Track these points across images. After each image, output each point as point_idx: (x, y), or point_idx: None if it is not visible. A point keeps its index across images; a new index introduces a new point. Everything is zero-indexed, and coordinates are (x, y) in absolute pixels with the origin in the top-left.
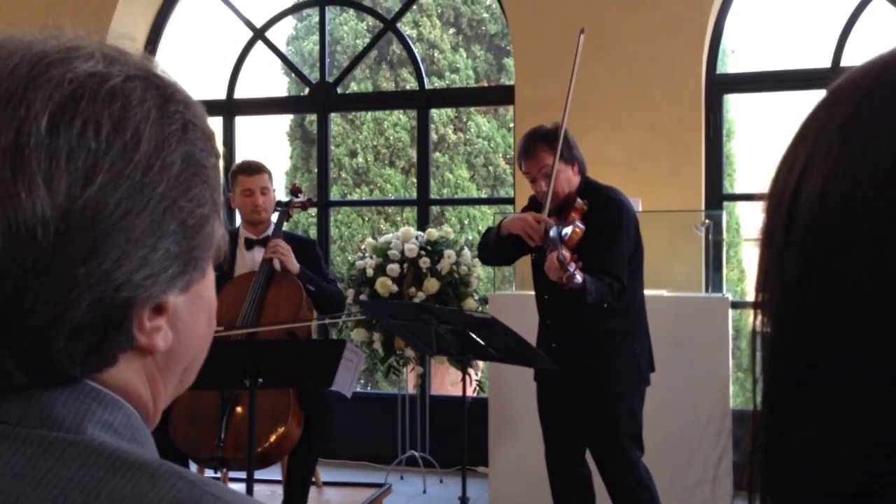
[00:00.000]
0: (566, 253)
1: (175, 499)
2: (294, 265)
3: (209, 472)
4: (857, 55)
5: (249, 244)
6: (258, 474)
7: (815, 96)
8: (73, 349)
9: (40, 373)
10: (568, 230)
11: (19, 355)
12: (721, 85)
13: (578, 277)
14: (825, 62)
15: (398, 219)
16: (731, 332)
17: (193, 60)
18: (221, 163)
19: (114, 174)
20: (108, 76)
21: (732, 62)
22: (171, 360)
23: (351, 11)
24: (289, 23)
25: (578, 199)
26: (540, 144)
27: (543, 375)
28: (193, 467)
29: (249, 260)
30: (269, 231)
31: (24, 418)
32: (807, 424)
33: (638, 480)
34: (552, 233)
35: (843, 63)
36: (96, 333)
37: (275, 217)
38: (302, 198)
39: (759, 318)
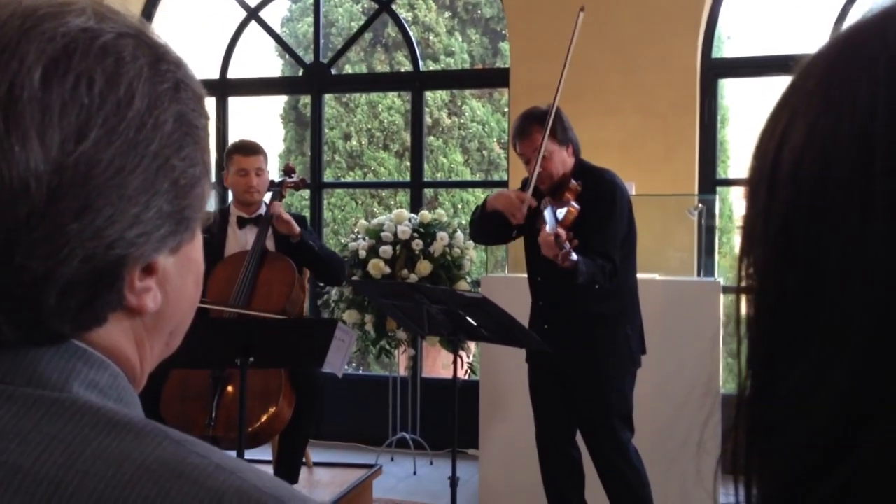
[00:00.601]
0: (562, 231)
1: (161, 457)
2: (294, 227)
3: None
4: None
5: (241, 223)
6: (249, 454)
7: None
8: (63, 306)
9: (29, 329)
10: (563, 210)
11: (9, 311)
12: (716, 70)
13: (574, 256)
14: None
15: (391, 202)
16: (721, 317)
17: (187, 39)
18: (214, 142)
19: (107, 130)
20: (101, 32)
21: (728, 48)
22: (159, 321)
23: None
24: (283, 4)
25: (573, 181)
26: (535, 125)
27: (535, 357)
28: None
29: (241, 238)
30: (262, 210)
31: (8, 376)
32: (789, 373)
33: (627, 462)
34: (547, 213)
35: None
36: (87, 291)
37: (268, 197)
38: (295, 178)
39: (745, 277)
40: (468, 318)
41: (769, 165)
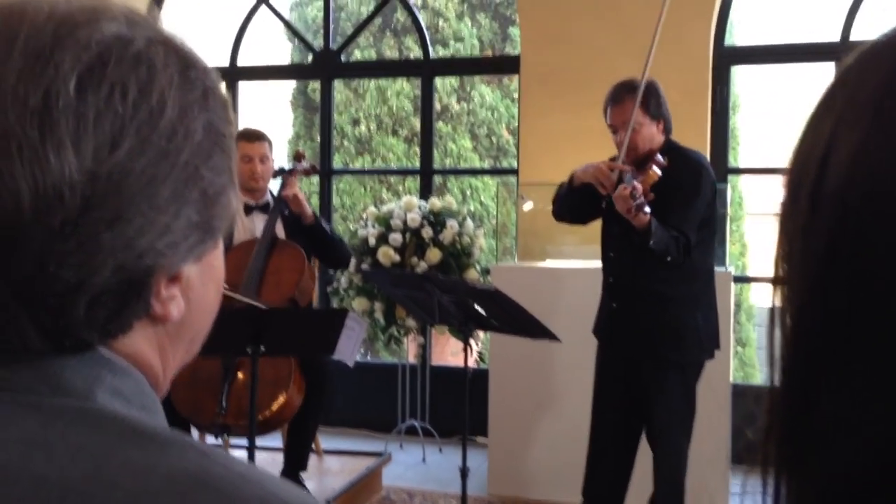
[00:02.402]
0: (639, 185)
1: (186, 468)
2: (307, 209)
3: (210, 439)
4: (867, 29)
5: (248, 209)
6: (259, 441)
7: (825, 69)
8: (93, 315)
9: (57, 338)
10: (643, 176)
11: (39, 320)
12: (729, 57)
13: (647, 210)
14: (834, 36)
15: (400, 188)
16: (732, 306)
17: (197, 25)
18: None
19: (140, 140)
20: (133, 39)
21: (738, 34)
22: (181, 329)
23: None
24: None
25: (658, 156)
26: (629, 94)
27: (603, 332)
28: (195, 433)
29: (249, 225)
30: (268, 198)
31: (33, 385)
32: (831, 399)
33: (678, 462)
34: (626, 178)
35: (853, 37)
36: (116, 300)
37: (277, 183)
38: (305, 164)
39: (780, 291)
40: (479, 308)
41: (812, 177)
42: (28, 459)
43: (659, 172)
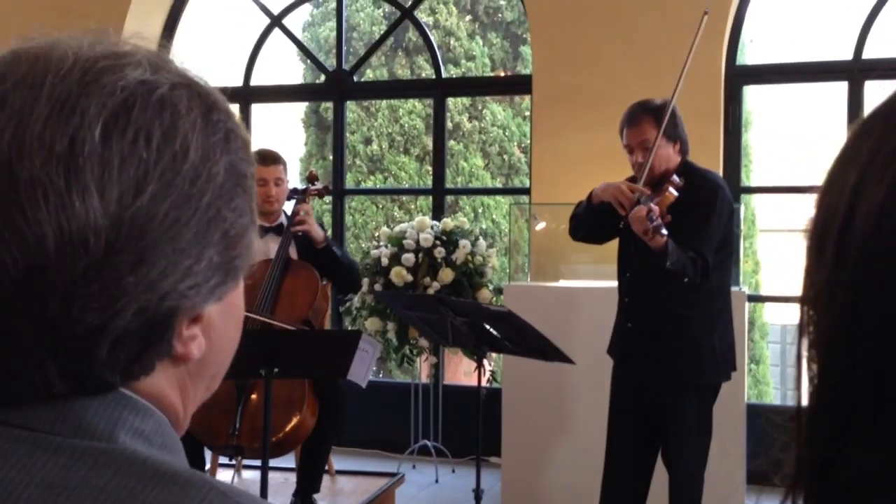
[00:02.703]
0: (655, 207)
1: None
2: (318, 231)
3: (223, 460)
4: (879, 47)
5: (262, 231)
6: (271, 462)
7: (837, 89)
8: (115, 357)
9: (80, 381)
10: (659, 197)
11: (62, 363)
12: (741, 76)
13: (664, 231)
14: (847, 54)
15: (412, 206)
16: (745, 325)
17: (210, 46)
18: None
19: (164, 184)
20: (157, 84)
21: (750, 52)
22: (202, 367)
23: None
24: (305, 9)
25: (675, 176)
26: (646, 115)
27: (618, 352)
28: (208, 455)
29: (263, 247)
30: (282, 220)
31: (56, 426)
32: (859, 456)
33: (692, 482)
34: (643, 199)
35: (865, 55)
36: (139, 342)
37: (290, 205)
38: (319, 185)
39: (807, 340)
40: (492, 330)
41: (838, 227)
42: (49, 502)
43: (675, 193)
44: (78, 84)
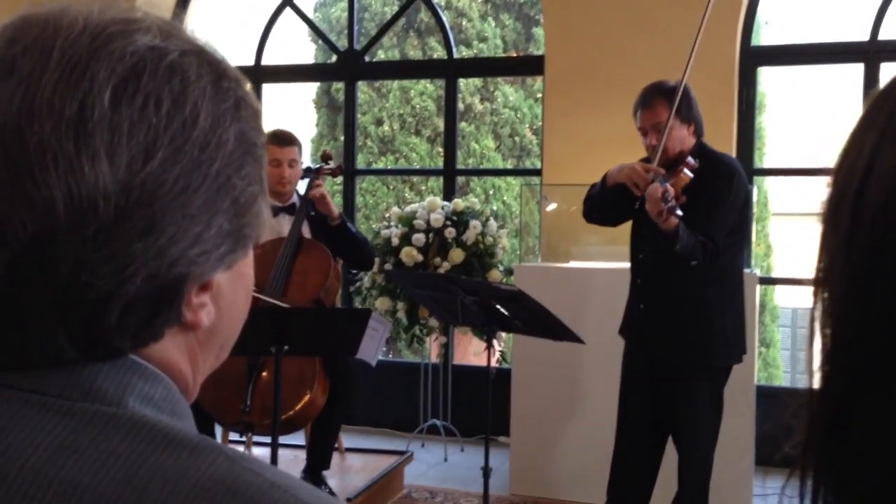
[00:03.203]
0: (671, 187)
1: (215, 475)
2: (334, 209)
3: (234, 436)
4: None
5: (275, 211)
6: (281, 439)
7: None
8: (125, 323)
9: (90, 347)
10: (674, 178)
11: (72, 329)
12: (756, 58)
13: (679, 213)
14: (863, 35)
15: (423, 187)
16: (757, 307)
17: (222, 26)
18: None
19: (173, 150)
20: (167, 51)
21: (766, 34)
22: (211, 336)
23: None
24: None
25: (690, 158)
26: (659, 97)
27: (630, 333)
28: (219, 431)
29: (276, 226)
30: (294, 199)
31: (66, 391)
32: (870, 411)
33: (701, 473)
34: (658, 180)
35: (882, 36)
36: (148, 309)
37: (304, 184)
38: (332, 165)
39: (821, 304)
40: (502, 309)
41: (853, 192)
42: (58, 465)
43: (690, 175)
44: (87, 49)
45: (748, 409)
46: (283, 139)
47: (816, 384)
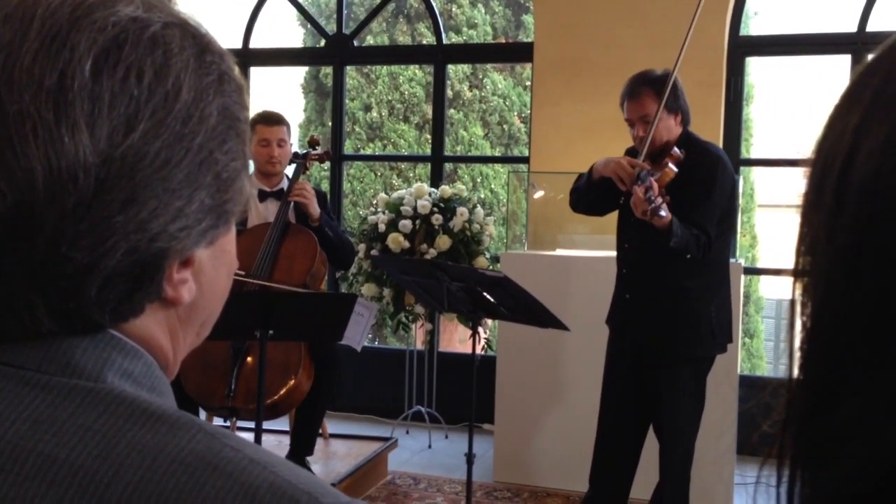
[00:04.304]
0: (654, 183)
1: (194, 450)
2: (315, 209)
3: (218, 421)
4: (884, 19)
5: (262, 196)
6: (266, 424)
7: (840, 61)
8: (104, 297)
9: (69, 320)
10: (659, 172)
11: (51, 302)
12: (744, 48)
13: (664, 212)
14: (851, 26)
15: (411, 174)
16: (741, 298)
17: (210, 7)
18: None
19: (155, 123)
20: (150, 22)
21: (754, 24)
22: (192, 312)
23: None
24: None
25: (675, 149)
26: (646, 88)
27: (615, 322)
28: (203, 416)
29: (263, 211)
30: (283, 184)
31: (44, 364)
32: (851, 395)
33: (682, 462)
34: (643, 175)
35: (870, 28)
36: (128, 283)
37: (291, 168)
38: (319, 150)
39: (801, 285)
40: (488, 295)
41: (838, 167)
42: (35, 438)
43: (675, 169)
44: (68, 19)
45: (731, 398)
46: (272, 119)
47: (796, 366)
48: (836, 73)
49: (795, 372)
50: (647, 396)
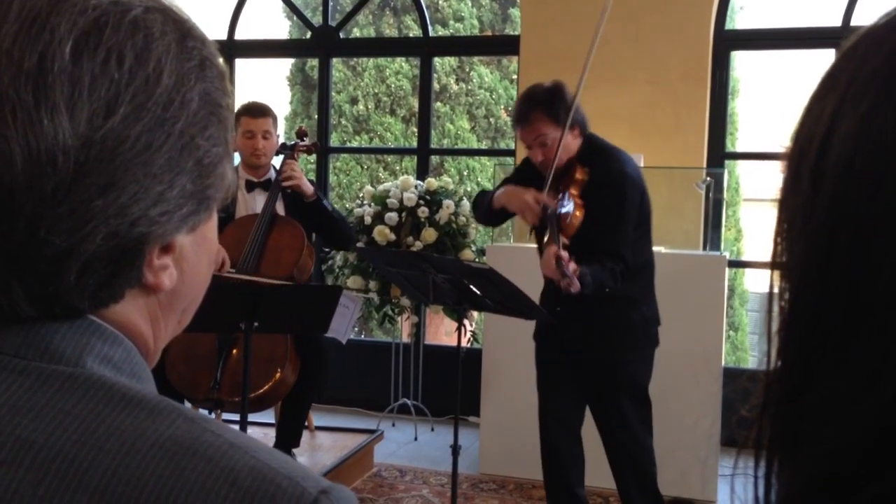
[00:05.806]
0: (564, 253)
1: (174, 435)
2: (308, 186)
3: (203, 413)
4: (868, 14)
5: (250, 186)
6: (251, 417)
7: (825, 56)
8: (83, 282)
9: (47, 305)
10: (568, 208)
11: (29, 286)
12: (729, 41)
13: (576, 285)
14: (836, 21)
15: (397, 167)
16: (725, 291)
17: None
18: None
19: (135, 107)
20: (131, 6)
21: (740, 18)
22: (173, 299)
23: None
24: None
25: (578, 169)
26: (535, 112)
27: (544, 335)
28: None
29: (250, 202)
30: (270, 174)
31: (22, 349)
32: (827, 379)
33: (635, 440)
34: (552, 222)
35: (854, 22)
36: (108, 268)
37: (279, 159)
38: (307, 142)
39: (778, 270)
40: (473, 287)
41: (815, 152)
42: (13, 423)
43: (582, 210)
44: (48, 1)
45: (715, 390)
46: (257, 111)
47: (774, 351)
48: (820, 67)
49: (773, 358)
50: (585, 402)
